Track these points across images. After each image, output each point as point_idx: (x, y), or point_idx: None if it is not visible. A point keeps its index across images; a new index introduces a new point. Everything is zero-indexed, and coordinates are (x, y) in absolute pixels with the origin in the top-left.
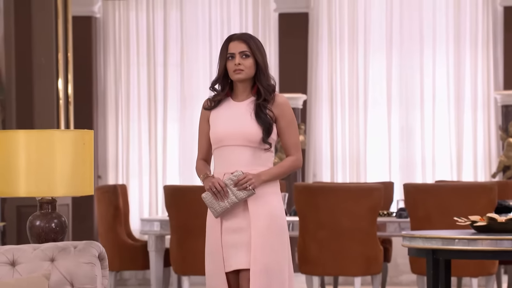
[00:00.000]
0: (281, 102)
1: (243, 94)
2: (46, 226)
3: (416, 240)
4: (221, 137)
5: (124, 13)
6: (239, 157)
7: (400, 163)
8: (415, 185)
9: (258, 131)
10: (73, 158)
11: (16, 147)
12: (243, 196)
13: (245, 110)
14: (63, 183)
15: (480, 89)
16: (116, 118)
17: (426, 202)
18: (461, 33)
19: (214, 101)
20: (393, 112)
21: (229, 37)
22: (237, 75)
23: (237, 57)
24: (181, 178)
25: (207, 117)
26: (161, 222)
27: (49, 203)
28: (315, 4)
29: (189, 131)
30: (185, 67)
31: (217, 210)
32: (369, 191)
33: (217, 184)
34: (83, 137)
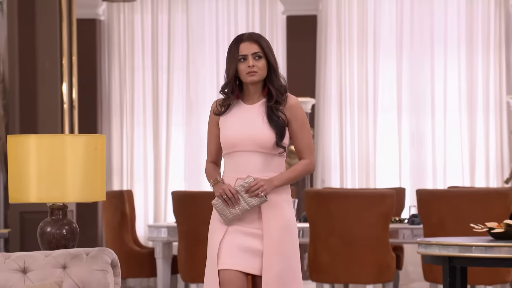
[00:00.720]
0: (293, 104)
1: (254, 96)
2: (57, 232)
3: (432, 247)
4: (233, 142)
5: (129, 16)
6: (251, 163)
7: (411, 168)
8: (428, 191)
9: (271, 136)
10: (85, 163)
11: (27, 152)
12: (254, 203)
13: (257, 113)
14: (75, 189)
15: (492, 93)
16: (121, 122)
17: (440, 208)
18: (473, 36)
19: (223, 106)
20: (404, 116)
21: (238, 38)
22: (251, 77)
23: (250, 59)
24: (187, 183)
25: (217, 121)
26: (168, 228)
27: (60, 209)
28: (323, 7)
29: (195, 136)
30: (191, 71)
31: (228, 217)
32: (381, 197)
33: (228, 191)
34: (95, 142)
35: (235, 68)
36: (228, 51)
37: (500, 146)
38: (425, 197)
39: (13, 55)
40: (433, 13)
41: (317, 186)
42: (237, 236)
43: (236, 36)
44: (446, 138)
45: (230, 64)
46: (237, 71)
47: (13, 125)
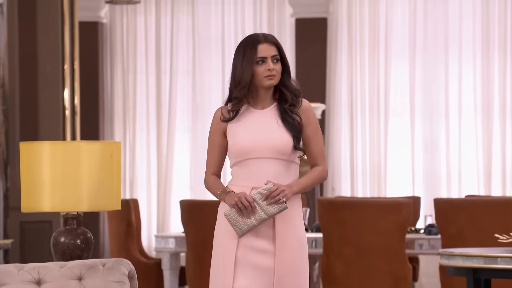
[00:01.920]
0: (306, 107)
1: (264, 101)
2: (71, 242)
3: (455, 258)
4: (248, 149)
5: (132, 18)
6: (269, 171)
7: (424, 176)
8: (446, 200)
9: (288, 140)
10: (100, 171)
11: (40, 160)
12: (274, 211)
13: (270, 117)
14: (90, 197)
15: (509, 97)
16: (124, 128)
17: (458, 218)
18: (489, 38)
19: (233, 111)
20: (417, 122)
21: (255, 39)
22: (270, 81)
23: (270, 62)
24: (192, 192)
25: (223, 129)
26: (176, 238)
27: (74, 218)
28: (334, 9)
29: (201, 142)
30: (196, 75)
31: (243, 228)
32: (397, 206)
33: (244, 199)
34: (110, 149)
35: (252, 70)
36: (243, 51)
37: None
38: (443, 206)
39: (13, 59)
40: (447, 14)
41: (327, 195)
42: (249, 253)
43: (249, 36)
44: (461, 144)
45: (245, 65)
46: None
47: (13, 131)
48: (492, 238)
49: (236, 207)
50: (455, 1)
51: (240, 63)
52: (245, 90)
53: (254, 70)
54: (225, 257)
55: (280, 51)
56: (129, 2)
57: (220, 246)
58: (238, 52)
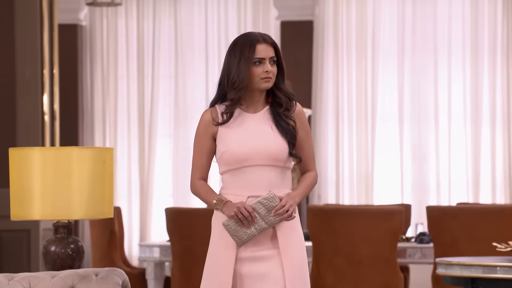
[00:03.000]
0: (299, 111)
1: (258, 104)
2: (62, 251)
3: (453, 267)
4: (243, 157)
5: (113, 21)
6: (265, 179)
7: (413, 184)
8: (439, 208)
9: (284, 146)
10: (92, 178)
11: (30, 166)
12: (275, 221)
13: (263, 122)
14: (82, 205)
15: (499, 103)
16: (104, 134)
17: (452, 226)
18: (479, 42)
19: (227, 113)
20: (405, 128)
21: (253, 38)
22: (266, 84)
23: (267, 63)
24: (175, 200)
25: (212, 133)
26: (161, 247)
27: (65, 226)
28: (320, 12)
29: (183, 148)
30: (179, 79)
31: (243, 238)
32: (389, 214)
33: (244, 209)
34: (103, 155)
35: (250, 70)
36: (240, 50)
37: (508, 160)
38: (436, 214)
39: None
40: (436, 17)
41: (313, 202)
42: (251, 264)
43: (246, 34)
44: (451, 152)
45: (242, 65)
46: None
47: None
48: (487, 247)
49: (236, 217)
50: (444, 5)
51: (237, 62)
52: (241, 92)
53: (251, 71)
54: (222, 272)
55: (277, 53)
56: (111, 4)
57: (216, 260)
58: (234, 50)
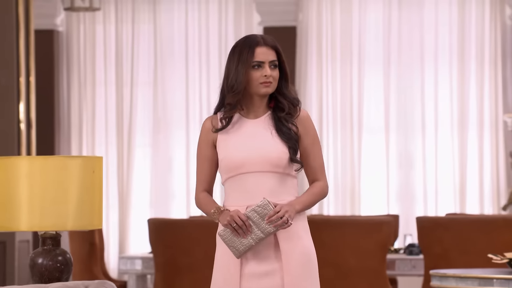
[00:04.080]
0: (304, 117)
1: (258, 109)
2: (49, 264)
3: (448, 279)
4: (240, 163)
5: (90, 26)
6: (264, 186)
7: (399, 194)
8: (430, 219)
9: (283, 151)
10: (81, 188)
11: (17, 176)
12: (271, 230)
13: (263, 127)
14: (70, 216)
15: (487, 111)
16: (80, 143)
17: (443, 237)
18: (466, 50)
19: (225, 118)
20: (391, 137)
21: (253, 40)
22: (266, 89)
23: (267, 67)
24: (153, 211)
25: (212, 141)
26: (143, 259)
27: (53, 238)
28: (304, 17)
29: (163, 157)
30: (158, 86)
31: (240, 249)
32: (378, 225)
33: (237, 217)
34: (92, 164)
35: (248, 74)
36: (238, 53)
37: (496, 170)
38: (427, 225)
39: None
40: (423, 24)
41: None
42: (256, 282)
43: (247, 37)
44: (438, 161)
45: (240, 69)
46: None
47: None
48: (479, 259)
49: (230, 226)
50: (431, 11)
51: (235, 65)
52: (239, 96)
53: (250, 74)
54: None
55: (280, 56)
56: (89, 9)
57: (221, 270)
58: (234, 53)
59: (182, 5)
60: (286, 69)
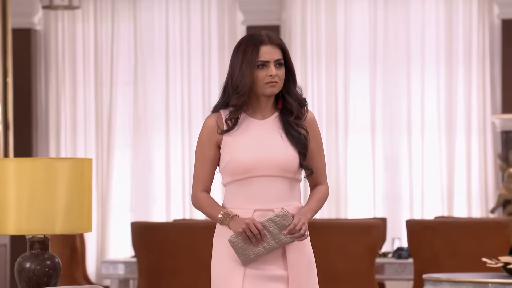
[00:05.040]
0: (311, 119)
1: (264, 110)
2: (37, 268)
3: (442, 284)
4: (250, 166)
5: (69, 25)
6: (273, 191)
7: (385, 196)
8: (419, 222)
9: (294, 156)
10: (70, 191)
11: (4, 178)
12: (287, 241)
13: (272, 130)
14: (59, 219)
15: (475, 112)
16: (59, 145)
17: (433, 241)
18: (453, 50)
19: (231, 120)
20: (377, 138)
21: (258, 39)
22: (271, 89)
23: (272, 67)
24: (134, 214)
25: (217, 141)
26: (126, 264)
27: (41, 242)
28: (287, 16)
29: (144, 159)
30: (139, 86)
31: (250, 257)
32: (367, 228)
33: (253, 226)
34: (81, 166)
35: (253, 74)
36: (243, 52)
37: (484, 172)
38: (416, 228)
39: None
40: (409, 23)
41: None
42: (260, 284)
43: (251, 35)
44: (424, 163)
45: (245, 69)
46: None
47: None
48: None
49: (244, 234)
50: (417, 10)
51: (239, 65)
52: (244, 97)
53: (254, 75)
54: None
55: (285, 55)
56: (68, 8)
57: (222, 279)
58: (238, 52)
59: (163, 4)
60: (293, 68)
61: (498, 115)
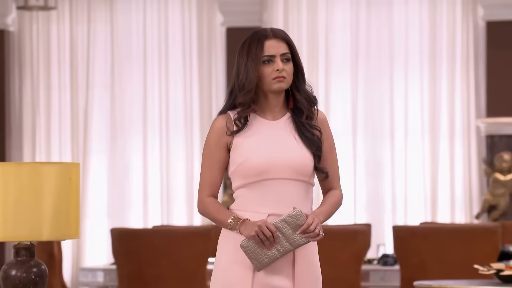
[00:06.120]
0: (323, 119)
1: (275, 109)
2: (23, 276)
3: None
4: (265, 168)
5: (44, 27)
6: (289, 194)
7: (367, 202)
8: (406, 228)
9: (310, 158)
10: (58, 196)
11: None
12: (302, 242)
13: (285, 131)
14: (47, 225)
15: (459, 116)
16: (33, 150)
17: (420, 247)
18: (437, 52)
19: (240, 119)
20: (359, 142)
21: (262, 34)
22: (279, 84)
23: (278, 61)
24: (111, 220)
25: (226, 144)
26: (105, 271)
27: (27, 249)
28: (268, 17)
29: (120, 164)
30: (116, 89)
31: (263, 261)
32: (353, 234)
33: (266, 228)
34: (69, 171)
35: (258, 70)
36: (247, 48)
37: (468, 177)
38: (403, 234)
39: None
40: (392, 24)
41: None
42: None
43: (255, 31)
44: (407, 167)
45: (250, 65)
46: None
47: None
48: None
49: (257, 238)
50: (401, 12)
51: (244, 62)
52: (251, 95)
53: (261, 71)
54: None
55: (292, 49)
56: (44, 8)
57: (231, 282)
58: (242, 49)
59: (140, 5)
60: (301, 63)
61: (482, 118)
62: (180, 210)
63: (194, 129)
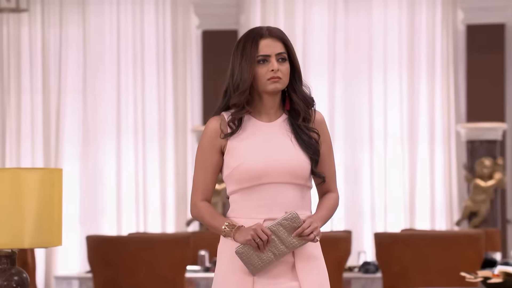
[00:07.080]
0: (320, 120)
1: (271, 111)
2: (4, 284)
3: None
4: (260, 172)
5: (15, 29)
6: (286, 199)
7: (345, 208)
8: (388, 235)
9: (306, 162)
10: (40, 202)
11: None
12: (297, 244)
13: (281, 133)
14: (28, 232)
15: (439, 121)
16: (3, 154)
17: (402, 254)
18: (416, 56)
19: (233, 121)
20: (337, 149)
21: (257, 32)
22: (274, 85)
23: (274, 61)
24: (83, 227)
25: (220, 146)
26: (80, 280)
27: (8, 256)
28: (245, 20)
29: (93, 170)
30: (88, 93)
31: (258, 266)
32: (334, 241)
33: (261, 232)
34: (51, 177)
35: (253, 70)
36: (242, 47)
37: (449, 183)
38: (385, 241)
39: None
40: (371, 28)
41: None
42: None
43: (251, 29)
44: (387, 174)
45: (245, 65)
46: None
47: None
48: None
49: (253, 242)
50: (379, 15)
51: (239, 62)
52: (245, 95)
53: (255, 71)
54: None
55: (288, 49)
56: (15, 10)
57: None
58: (237, 48)
59: (114, 7)
60: (298, 63)
61: (463, 124)
62: (154, 217)
63: (168, 133)
